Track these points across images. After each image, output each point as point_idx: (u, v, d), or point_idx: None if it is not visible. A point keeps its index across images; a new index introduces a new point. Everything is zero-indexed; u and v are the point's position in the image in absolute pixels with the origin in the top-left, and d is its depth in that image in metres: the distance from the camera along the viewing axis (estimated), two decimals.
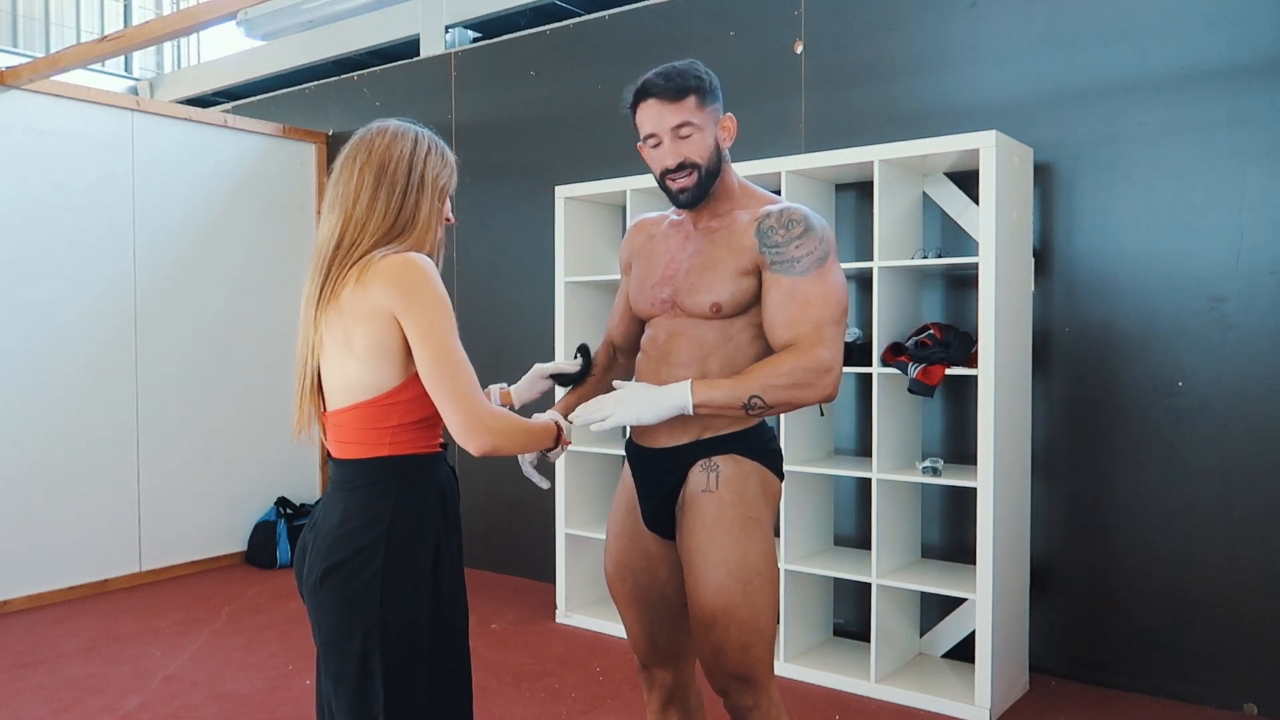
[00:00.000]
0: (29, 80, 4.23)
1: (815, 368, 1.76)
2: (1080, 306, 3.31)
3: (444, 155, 1.63)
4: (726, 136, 1.89)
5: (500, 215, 4.78)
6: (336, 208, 1.55)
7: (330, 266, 1.52)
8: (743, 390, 1.75)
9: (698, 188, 1.87)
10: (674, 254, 1.96)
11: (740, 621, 1.81)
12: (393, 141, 1.56)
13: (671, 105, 1.82)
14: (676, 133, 1.83)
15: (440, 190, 1.61)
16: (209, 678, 3.42)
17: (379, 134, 1.58)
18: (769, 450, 1.94)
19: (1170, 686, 3.16)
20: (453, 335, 1.48)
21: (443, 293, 1.50)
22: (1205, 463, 3.10)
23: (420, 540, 1.51)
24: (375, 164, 1.54)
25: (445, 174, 1.62)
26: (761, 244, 1.84)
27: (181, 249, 4.83)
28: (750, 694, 1.86)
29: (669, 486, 1.92)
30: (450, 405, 1.46)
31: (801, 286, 1.80)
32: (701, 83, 1.85)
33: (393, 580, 1.48)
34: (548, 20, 4.90)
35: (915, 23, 3.59)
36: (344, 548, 1.49)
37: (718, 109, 1.88)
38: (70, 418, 4.42)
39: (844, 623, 3.73)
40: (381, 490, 1.51)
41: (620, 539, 2.03)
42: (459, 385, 1.46)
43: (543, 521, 4.37)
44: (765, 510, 1.89)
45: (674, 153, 1.84)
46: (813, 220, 1.85)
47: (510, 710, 3.13)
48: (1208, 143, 3.08)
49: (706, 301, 1.86)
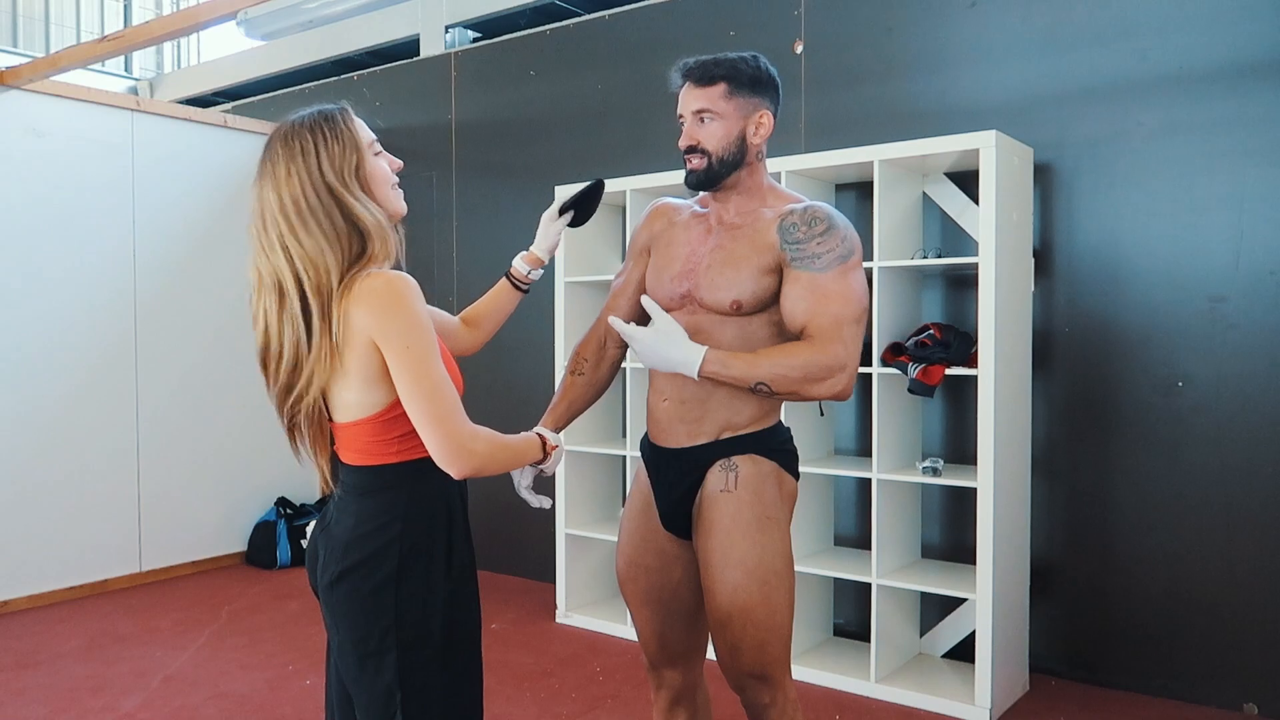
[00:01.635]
0: (29, 80, 4.23)
1: (829, 364, 1.75)
2: (1080, 306, 3.31)
3: (334, 133, 1.49)
4: (757, 132, 1.88)
5: (500, 215, 4.78)
6: (280, 253, 1.46)
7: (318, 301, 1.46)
8: (754, 372, 1.76)
9: (705, 173, 1.88)
10: (695, 247, 1.95)
11: (757, 620, 1.82)
12: (288, 166, 1.46)
13: (697, 89, 1.87)
14: (697, 116, 1.87)
15: (356, 173, 1.49)
16: (209, 678, 3.42)
17: (272, 162, 1.48)
18: (786, 450, 1.94)
19: (1170, 686, 3.16)
20: (431, 357, 1.44)
21: (420, 313, 1.45)
22: (1205, 462, 3.10)
23: (433, 541, 1.53)
24: (289, 200, 1.45)
25: (349, 153, 1.49)
26: (783, 241, 1.83)
27: (181, 249, 4.83)
28: (767, 691, 1.87)
29: (686, 486, 1.92)
30: (429, 429, 1.44)
31: (822, 282, 1.79)
32: (736, 73, 1.86)
33: (407, 581, 1.50)
34: (548, 20, 4.90)
35: (915, 23, 3.59)
36: (359, 550, 1.51)
37: (755, 103, 1.88)
38: (70, 418, 4.42)
39: (844, 623, 3.73)
40: (394, 495, 1.52)
41: (634, 538, 2.03)
42: (437, 409, 1.43)
43: (543, 521, 4.37)
44: (783, 510, 1.90)
45: (689, 135, 1.88)
46: (836, 219, 1.85)
47: (510, 710, 3.13)
48: (1208, 143, 3.08)
49: (727, 299, 1.86)
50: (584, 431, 3.99)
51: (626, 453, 3.85)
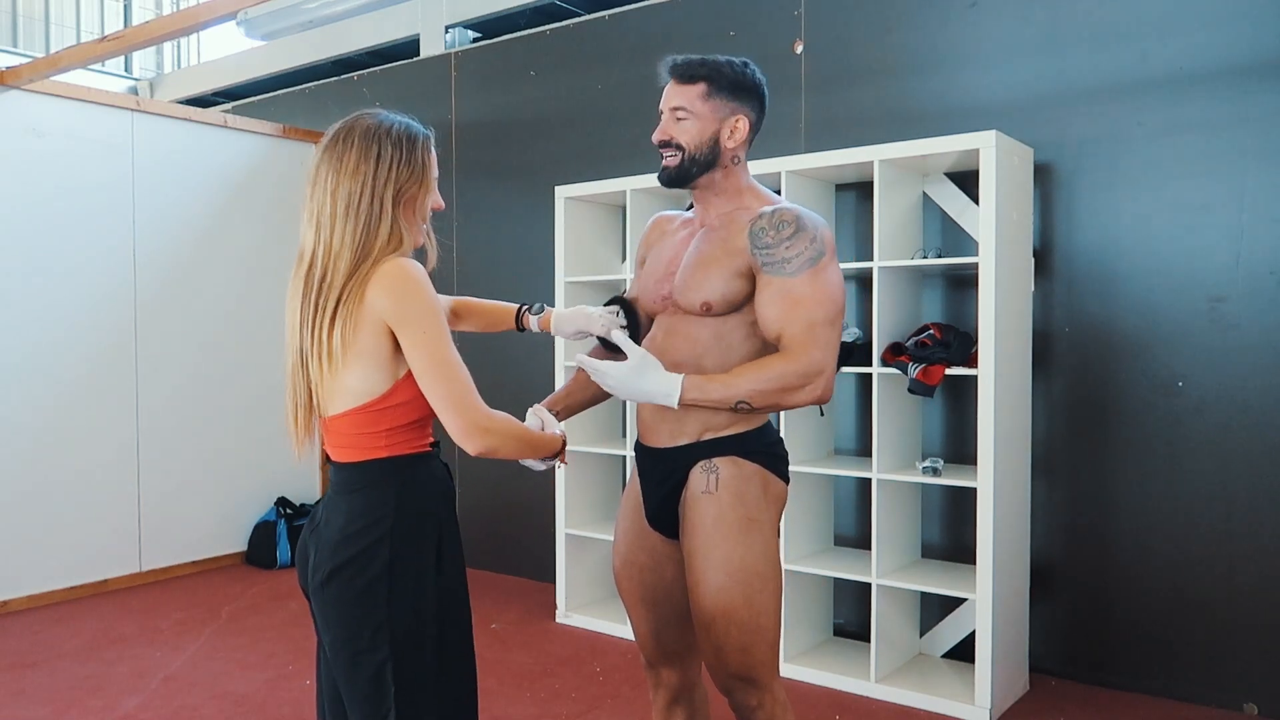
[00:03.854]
0: (29, 80, 4.23)
1: (805, 370, 1.77)
2: (1080, 306, 3.31)
3: (411, 156, 1.58)
4: (732, 135, 1.89)
5: (500, 215, 4.78)
6: (313, 228, 1.55)
7: (314, 289, 1.53)
8: (731, 392, 1.78)
9: (677, 169, 1.90)
10: (677, 251, 1.98)
11: (740, 623, 1.81)
12: (359, 162, 1.54)
13: (677, 86, 1.90)
14: (674, 113, 1.89)
15: (409, 203, 1.58)
16: (209, 678, 3.42)
17: (346, 148, 1.55)
18: (772, 453, 1.94)
19: (1170, 686, 3.16)
20: (445, 341, 1.50)
21: (434, 299, 1.51)
22: (1205, 462, 3.10)
23: (422, 537, 1.55)
24: (344, 192, 1.53)
25: (414, 180, 1.58)
26: (753, 246, 1.84)
27: (181, 249, 4.83)
28: (754, 694, 1.87)
29: (671, 487, 1.93)
30: (448, 409, 1.49)
31: (793, 287, 1.80)
32: (718, 75, 1.87)
33: (397, 577, 1.52)
34: (548, 20, 4.90)
35: (915, 23, 3.59)
36: (348, 548, 1.53)
37: (733, 108, 1.89)
38: (70, 417, 4.42)
39: (844, 623, 3.73)
40: (382, 491, 1.54)
41: (628, 536, 2.04)
42: (455, 388, 1.49)
43: (543, 521, 4.37)
44: (767, 512, 1.89)
45: (662, 130, 1.91)
46: (805, 220, 1.84)
47: (510, 710, 3.13)
48: (1208, 143, 3.08)
49: (697, 300, 1.88)
50: (584, 431, 3.99)
51: (626, 453, 3.85)
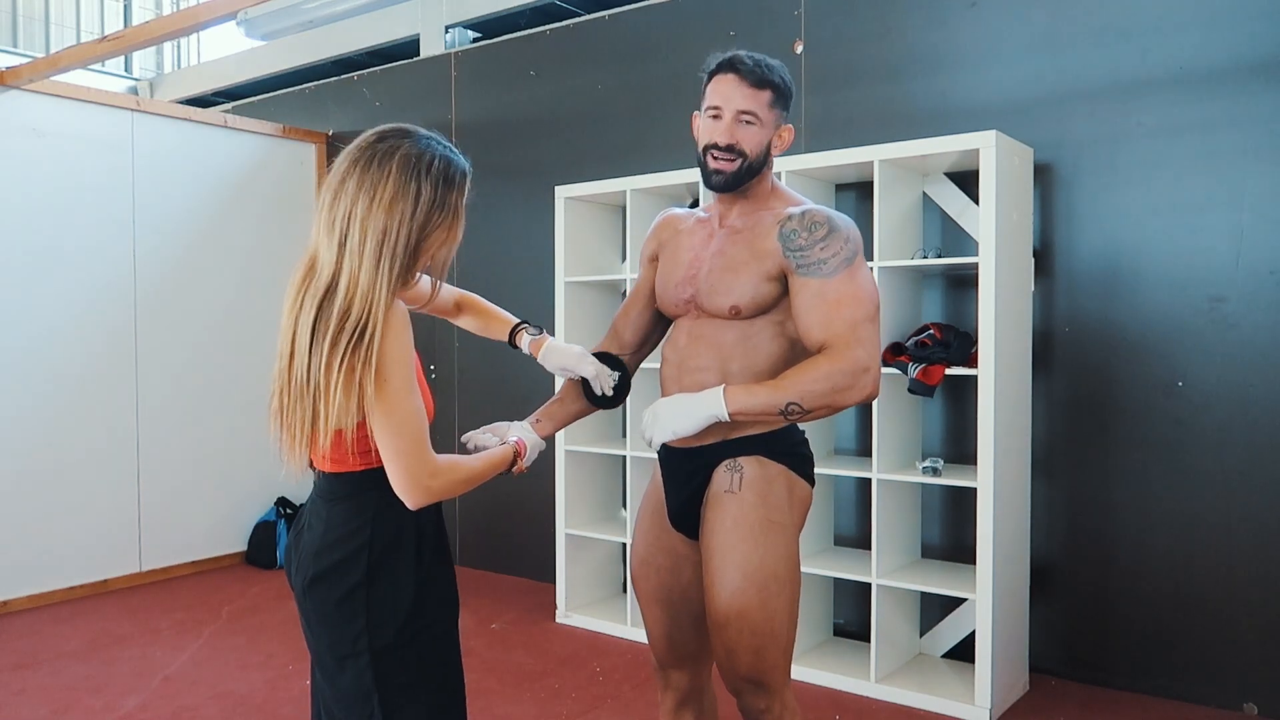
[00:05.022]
0: (29, 80, 4.23)
1: (852, 369, 1.73)
2: (1080, 306, 3.30)
3: (448, 200, 1.51)
4: (780, 145, 1.91)
5: (500, 215, 4.78)
6: (333, 246, 1.47)
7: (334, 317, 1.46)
8: (780, 397, 1.73)
9: (734, 176, 1.87)
10: (698, 252, 1.95)
11: (754, 625, 1.80)
12: (395, 197, 1.46)
13: (748, 89, 1.84)
14: (740, 116, 1.84)
15: (429, 247, 1.52)
16: (209, 678, 3.42)
17: (382, 175, 1.47)
18: (797, 453, 1.92)
19: (1170, 687, 3.16)
20: (406, 390, 1.45)
21: (403, 346, 1.46)
22: (1205, 462, 3.10)
23: (400, 546, 1.56)
24: (377, 226, 1.45)
25: (445, 225, 1.52)
26: (785, 248, 1.82)
27: (181, 249, 4.83)
28: (763, 698, 1.85)
29: (694, 486, 1.92)
30: (391, 461, 1.47)
31: (831, 288, 1.78)
32: (783, 85, 1.88)
33: (376, 585, 1.53)
34: (548, 20, 4.90)
35: (915, 23, 3.59)
36: (328, 557, 1.54)
37: (783, 116, 1.90)
38: (70, 418, 4.42)
39: (844, 623, 3.73)
40: (361, 502, 1.55)
41: (647, 537, 2.03)
42: (402, 442, 1.46)
43: (543, 521, 4.37)
44: (790, 514, 1.87)
45: (729, 133, 1.84)
46: (836, 221, 1.83)
47: (510, 710, 3.13)
48: (1208, 143, 3.07)
49: (725, 304, 1.86)
50: (584, 431, 3.98)
51: (627, 453, 3.85)
